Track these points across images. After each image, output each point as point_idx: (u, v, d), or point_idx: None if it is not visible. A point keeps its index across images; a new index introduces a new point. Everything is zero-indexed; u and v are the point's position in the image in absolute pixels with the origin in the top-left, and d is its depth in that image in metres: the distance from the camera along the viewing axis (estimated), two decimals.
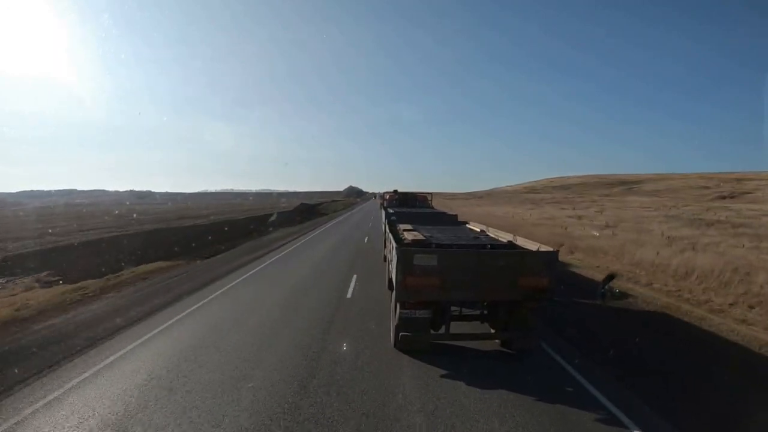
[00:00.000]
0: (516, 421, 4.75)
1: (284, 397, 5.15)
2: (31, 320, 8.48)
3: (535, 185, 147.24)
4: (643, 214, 37.86)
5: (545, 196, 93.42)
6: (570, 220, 34.07)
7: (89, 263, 18.23)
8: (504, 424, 4.68)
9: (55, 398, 5.19)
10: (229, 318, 8.36)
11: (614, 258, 15.70)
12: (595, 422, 4.82)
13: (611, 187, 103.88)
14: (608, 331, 8.23)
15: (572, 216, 39.06)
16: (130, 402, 5.04)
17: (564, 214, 43.49)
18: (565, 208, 54.96)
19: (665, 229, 23.59)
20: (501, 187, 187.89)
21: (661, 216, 34.87)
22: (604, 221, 30.63)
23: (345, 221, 39.92)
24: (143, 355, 6.53)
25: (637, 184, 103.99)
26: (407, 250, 6.33)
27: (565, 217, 38.37)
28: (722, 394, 5.71)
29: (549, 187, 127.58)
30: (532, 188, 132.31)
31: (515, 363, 6.47)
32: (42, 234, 36.47)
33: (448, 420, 4.72)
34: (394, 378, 5.76)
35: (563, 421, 4.80)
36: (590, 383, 5.76)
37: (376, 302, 9.36)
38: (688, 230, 23.20)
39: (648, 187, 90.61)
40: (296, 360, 6.24)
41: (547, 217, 38.59)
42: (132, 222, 49.00)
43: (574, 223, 30.15)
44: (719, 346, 7.57)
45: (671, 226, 25.15)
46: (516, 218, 37.50)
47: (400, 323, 6.55)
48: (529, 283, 6.20)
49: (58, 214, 66.08)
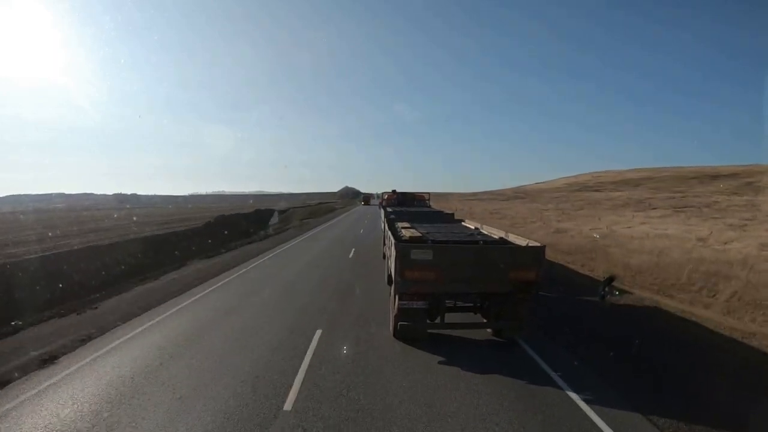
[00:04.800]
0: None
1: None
2: None
3: (579, 180, 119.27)
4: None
5: (611, 197, 67.06)
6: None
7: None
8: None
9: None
10: None
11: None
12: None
13: (701, 182, 76.24)
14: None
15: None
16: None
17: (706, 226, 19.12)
18: (691, 218, 29.92)
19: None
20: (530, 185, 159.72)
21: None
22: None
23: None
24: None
25: (733, 177, 75.92)
26: (405, 245, 6.83)
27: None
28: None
29: (603, 183, 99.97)
30: (582, 184, 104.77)
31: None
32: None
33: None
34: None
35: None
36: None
37: None
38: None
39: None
40: None
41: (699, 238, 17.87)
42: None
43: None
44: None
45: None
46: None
47: (398, 313, 7.15)
48: (519, 276, 6.70)
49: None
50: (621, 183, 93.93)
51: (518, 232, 11.03)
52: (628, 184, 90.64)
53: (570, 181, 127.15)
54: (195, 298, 10.97)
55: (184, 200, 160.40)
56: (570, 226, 26.38)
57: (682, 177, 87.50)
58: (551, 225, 27.82)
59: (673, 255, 14.86)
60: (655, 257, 14.73)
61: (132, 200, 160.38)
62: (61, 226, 33.46)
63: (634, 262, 14.49)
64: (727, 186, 61.67)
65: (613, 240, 19.52)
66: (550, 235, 22.38)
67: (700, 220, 28.04)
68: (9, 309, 9.72)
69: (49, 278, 12.94)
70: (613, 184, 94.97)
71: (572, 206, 49.44)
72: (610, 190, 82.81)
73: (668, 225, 26.89)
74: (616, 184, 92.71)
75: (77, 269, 14.60)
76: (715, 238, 19.65)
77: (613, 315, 9.96)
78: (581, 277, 14.13)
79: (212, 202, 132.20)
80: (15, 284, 11.87)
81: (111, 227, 33.08)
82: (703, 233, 20.52)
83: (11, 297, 10.87)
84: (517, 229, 24.92)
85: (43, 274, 13.29)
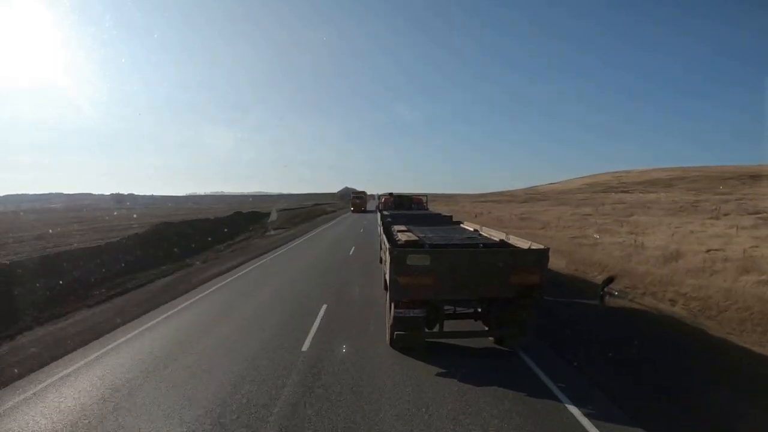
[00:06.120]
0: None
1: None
2: None
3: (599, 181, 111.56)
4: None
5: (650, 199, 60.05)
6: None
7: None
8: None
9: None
10: None
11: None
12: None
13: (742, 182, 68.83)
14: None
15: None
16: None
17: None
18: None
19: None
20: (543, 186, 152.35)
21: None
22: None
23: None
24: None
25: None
26: (401, 251, 6.52)
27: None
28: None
29: (628, 183, 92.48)
30: (604, 185, 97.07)
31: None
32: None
33: None
34: None
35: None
36: None
37: None
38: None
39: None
40: None
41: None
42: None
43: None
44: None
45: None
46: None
47: (394, 322, 6.71)
48: (521, 279, 6.34)
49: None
50: (648, 183, 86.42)
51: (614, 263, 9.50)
52: (657, 184, 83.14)
53: (588, 181, 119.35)
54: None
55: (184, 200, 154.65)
56: (662, 241, 19.32)
57: (715, 177, 79.99)
58: (622, 235, 20.82)
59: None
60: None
61: (129, 200, 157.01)
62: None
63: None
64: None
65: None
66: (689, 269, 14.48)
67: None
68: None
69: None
70: (639, 184, 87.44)
71: (614, 210, 42.33)
72: (640, 191, 75.45)
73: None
74: (644, 185, 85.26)
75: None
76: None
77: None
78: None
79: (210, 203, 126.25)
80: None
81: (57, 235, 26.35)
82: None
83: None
84: (595, 251, 17.99)
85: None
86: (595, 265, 15.17)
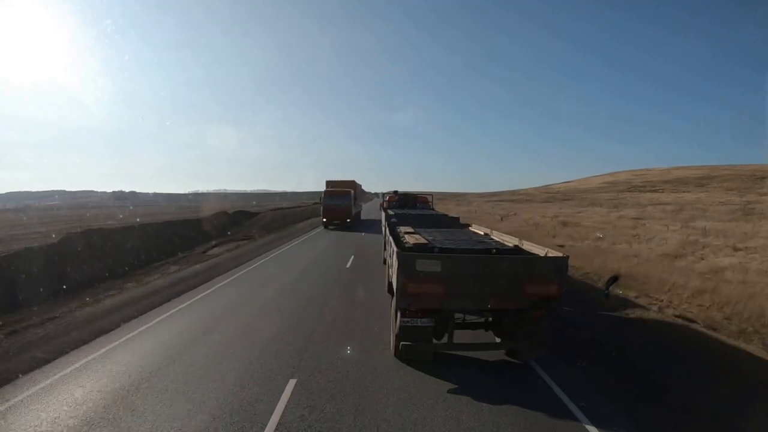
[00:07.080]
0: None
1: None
2: None
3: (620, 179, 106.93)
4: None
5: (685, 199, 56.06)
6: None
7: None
8: None
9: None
10: None
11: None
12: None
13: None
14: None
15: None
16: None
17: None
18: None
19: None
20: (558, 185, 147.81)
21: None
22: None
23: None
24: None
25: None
26: (409, 255, 6.03)
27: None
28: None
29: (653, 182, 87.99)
30: (627, 183, 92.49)
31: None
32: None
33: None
34: None
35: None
36: None
37: None
38: None
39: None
40: None
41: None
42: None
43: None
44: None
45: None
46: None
47: (400, 332, 6.23)
48: (538, 290, 5.85)
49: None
50: (677, 182, 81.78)
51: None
52: (687, 183, 78.54)
53: (608, 179, 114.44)
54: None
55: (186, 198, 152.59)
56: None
57: (747, 176, 75.32)
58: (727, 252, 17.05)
59: None
60: None
61: (130, 197, 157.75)
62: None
63: None
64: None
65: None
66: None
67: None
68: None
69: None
70: (666, 183, 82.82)
71: (664, 213, 38.35)
72: (669, 190, 71.03)
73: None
74: (672, 183, 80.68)
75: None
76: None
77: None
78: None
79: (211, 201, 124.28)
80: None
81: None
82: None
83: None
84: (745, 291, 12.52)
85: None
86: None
